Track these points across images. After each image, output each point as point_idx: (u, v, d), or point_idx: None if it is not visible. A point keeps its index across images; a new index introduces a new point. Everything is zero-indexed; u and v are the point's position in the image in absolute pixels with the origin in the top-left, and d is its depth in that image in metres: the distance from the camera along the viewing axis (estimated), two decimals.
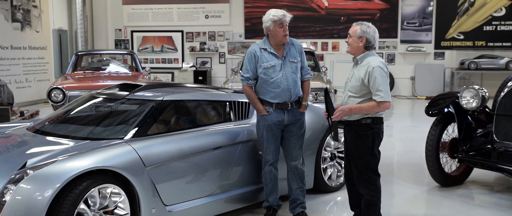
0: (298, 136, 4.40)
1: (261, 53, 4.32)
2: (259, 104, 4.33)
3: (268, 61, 4.29)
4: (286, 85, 4.27)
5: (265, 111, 4.31)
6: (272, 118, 4.30)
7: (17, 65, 12.79)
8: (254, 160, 4.56)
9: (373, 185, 3.96)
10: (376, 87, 3.79)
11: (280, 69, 4.28)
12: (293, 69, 4.33)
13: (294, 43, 4.42)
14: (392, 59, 15.46)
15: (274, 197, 4.48)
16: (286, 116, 4.32)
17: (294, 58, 4.35)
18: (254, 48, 4.37)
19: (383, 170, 5.74)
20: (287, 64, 4.31)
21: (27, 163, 3.49)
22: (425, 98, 14.64)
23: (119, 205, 3.59)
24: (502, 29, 14.81)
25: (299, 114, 4.39)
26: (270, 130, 4.31)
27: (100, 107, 4.65)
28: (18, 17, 12.85)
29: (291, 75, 4.31)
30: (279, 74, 4.27)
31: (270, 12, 4.31)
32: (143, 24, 16.53)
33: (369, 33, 3.90)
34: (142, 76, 10.44)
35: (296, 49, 4.39)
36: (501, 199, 5.22)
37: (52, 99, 8.80)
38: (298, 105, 4.38)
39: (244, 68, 4.39)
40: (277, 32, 4.26)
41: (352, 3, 15.44)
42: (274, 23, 4.24)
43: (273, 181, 4.43)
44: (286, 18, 4.26)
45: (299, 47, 4.43)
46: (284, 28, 4.25)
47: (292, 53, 4.36)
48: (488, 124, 5.45)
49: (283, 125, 4.35)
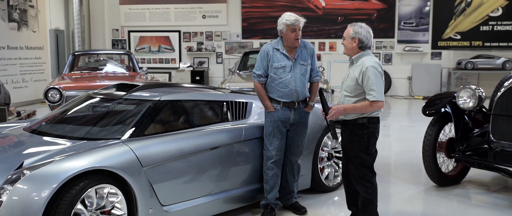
0: (302, 134, 4.58)
1: (273, 53, 4.46)
2: (267, 101, 4.47)
3: (279, 62, 4.42)
4: (294, 86, 4.41)
5: (272, 108, 4.45)
6: (278, 115, 4.44)
7: (14, 65, 12.76)
8: (251, 160, 4.56)
9: (370, 182, 4.00)
10: (369, 86, 3.83)
11: (290, 70, 4.42)
12: (303, 71, 4.47)
13: (307, 46, 4.55)
14: (389, 59, 15.48)
15: (273, 194, 4.53)
16: (292, 114, 4.46)
17: (305, 60, 4.49)
18: (268, 47, 4.52)
19: (380, 170, 5.76)
20: (297, 66, 4.45)
21: (24, 163, 3.48)
22: (422, 98, 14.66)
23: (116, 205, 3.59)
24: (498, 29, 14.84)
25: (305, 113, 4.56)
26: (276, 127, 4.45)
27: (97, 107, 4.64)
28: (14, 17, 12.81)
29: (300, 77, 4.45)
30: (288, 75, 4.41)
31: (284, 15, 4.45)
32: (140, 24, 16.50)
33: (361, 33, 3.94)
34: (139, 76, 10.42)
35: (307, 52, 4.52)
36: (498, 199, 5.23)
37: (49, 99, 8.78)
38: (304, 105, 4.53)
39: (257, 65, 4.53)
40: (289, 36, 4.40)
41: (349, 3, 15.45)
42: (287, 27, 4.38)
43: (274, 178, 4.51)
44: (298, 23, 4.40)
45: (311, 50, 4.56)
46: (297, 32, 4.38)
47: (303, 56, 4.50)
48: (485, 124, 5.46)
49: (289, 124, 4.49)
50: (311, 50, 4.57)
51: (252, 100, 4.94)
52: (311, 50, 4.56)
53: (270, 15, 15.29)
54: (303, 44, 4.53)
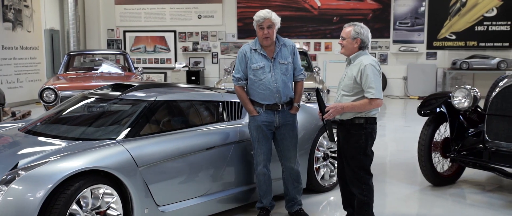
0: (291, 138, 4.37)
1: (251, 54, 4.29)
2: (249, 105, 4.31)
3: (257, 62, 4.26)
4: (275, 86, 4.24)
5: (255, 112, 4.29)
6: (261, 119, 4.28)
7: (8, 65, 12.72)
8: (247, 160, 4.55)
9: (366, 184, 3.97)
10: (367, 84, 3.81)
11: (269, 71, 4.25)
12: (283, 71, 4.28)
13: (286, 44, 4.35)
14: (384, 59, 15.50)
15: (267, 199, 4.46)
16: (276, 117, 4.29)
17: (285, 59, 4.29)
18: (245, 48, 4.35)
19: (376, 170, 5.76)
20: (276, 66, 4.26)
21: (19, 163, 3.47)
22: (417, 98, 14.69)
23: (111, 205, 3.58)
24: (493, 29, 14.89)
25: (290, 115, 4.36)
26: (260, 131, 4.30)
27: (92, 108, 4.63)
28: (9, 17, 12.77)
29: (281, 77, 4.26)
30: (268, 75, 4.24)
31: (257, 12, 4.29)
32: (136, 24, 16.48)
33: (363, 34, 3.92)
34: (135, 76, 10.41)
35: (288, 50, 4.33)
36: (493, 199, 5.25)
37: (44, 99, 8.75)
38: (289, 107, 4.34)
39: (236, 68, 4.37)
40: (258, 34, 4.26)
41: (345, 3, 15.47)
42: (256, 25, 4.25)
43: (266, 183, 4.40)
44: (265, 20, 4.19)
45: (291, 47, 4.36)
46: (264, 30, 4.19)
47: (283, 54, 4.30)
48: (480, 123, 5.48)
49: (274, 127, 4.32)
50: (292, 47, 4.34)
51: None
52: (292, 48, 4.34)
53: None
54: (282, 42, 4.32)
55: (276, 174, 4.57)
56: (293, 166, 4.42)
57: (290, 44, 4.38)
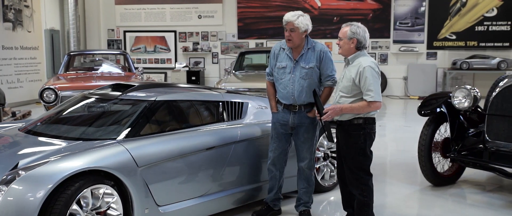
0: (304, 139, 4.38)
1: (279, 52, 4.39)
2: (272, 101, 4.46)
3: (281, 62, 4.34)
4: (291, 89, 4.27)
5: (275, 108, 4.41)
6: (277, 117, 4.40)
7: (8, 65, 12.72)
8: (247, 160, 4.56)
9: (365, 185, 3.97)
10: (366, 87, 3.80)
11: (290, 72, 4.29)
12: (303, 75, 4.24)
13: (315, 48, 4.28)
14: (384, 59, 15.50)
15: (271, 195, 4.53)
16: (292, 117, 4.33)
17: (307, 63, 4.24)
18: (277, 46, 4.46)
19: (376, 170, 5.77)
20: (297, 68, 4.26)
21: (19, 163, 3.47)
22: (417, 98, 14.69)
23: (111, 205, 3.58)
24: (493, 29, 14.89)
25: (307, 117, 4.34)
26: (275, 128, 4.42)
27: (92, 108, 4.63)
28: (9, 17, 12.77)
29: (299, 80, 4.25)
30: (287, 76, 4.29)
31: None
32: (136, 24, 16.47)
33: (359, 34, 3.91)
34: (135, 76, 10.41)
35: (315, 54, 4.26)
36: (493, 199, 5.25)
37: (44, 99, 8.75)
38: (308, 109, 4.32)
39: (269, 63, 4.51)
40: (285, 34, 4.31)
41: (345, 3, 15.48)
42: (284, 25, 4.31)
43: (273, 180, 4.51)
44: (287, 24, 4.22)
45: (319, 52, 4.26)
46: (288, 32, 4.22)
47: (308, 58, 4.25)
48: (480, 124, 5.48)
49: (289, 127, 4.36)
50: (320, 52, 4.25)
51: (248, 100, 4.93)
52: (320, 53, 4.25)
53: (266, 15, 15.31)
54: (311, 45, 4.28)
55: (290, 172, 4.67)
56: (303, 166, 4.46)
57: (319, 48, 4.29)
